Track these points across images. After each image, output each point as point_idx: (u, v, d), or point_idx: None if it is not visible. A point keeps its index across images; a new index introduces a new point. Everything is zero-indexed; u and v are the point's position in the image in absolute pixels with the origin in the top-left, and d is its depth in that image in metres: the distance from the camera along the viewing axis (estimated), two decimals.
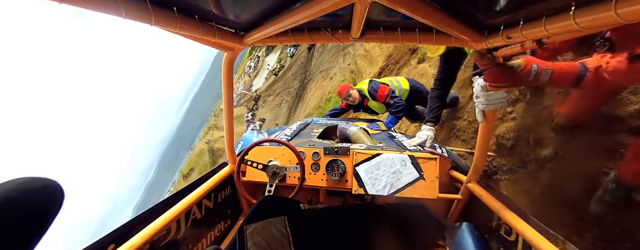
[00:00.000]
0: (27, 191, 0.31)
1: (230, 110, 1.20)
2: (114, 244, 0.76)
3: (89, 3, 0.43)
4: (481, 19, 0.65)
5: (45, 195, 0.33)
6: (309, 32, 0.85)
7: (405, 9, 0.56)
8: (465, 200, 1.23)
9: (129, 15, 0.48)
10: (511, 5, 0.55)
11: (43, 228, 0.32)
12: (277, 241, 0.49)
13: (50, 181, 0.34)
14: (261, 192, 1.50)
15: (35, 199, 0.32)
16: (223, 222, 1.38)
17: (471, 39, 0.71)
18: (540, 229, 0.82)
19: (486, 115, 0.95)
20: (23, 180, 0.31)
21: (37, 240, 0.31)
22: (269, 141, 1.30)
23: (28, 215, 0.31)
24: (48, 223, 0.32)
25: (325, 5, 0.58)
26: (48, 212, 0.33)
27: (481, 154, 1.05)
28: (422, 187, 1.20)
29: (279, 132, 2.04)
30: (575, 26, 0.45)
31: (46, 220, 0.32)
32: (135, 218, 0.86)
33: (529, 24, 0.55)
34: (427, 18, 0.60)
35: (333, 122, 2.28)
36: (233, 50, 1.00)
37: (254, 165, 1.28)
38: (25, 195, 0.31)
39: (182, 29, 0.61)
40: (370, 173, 1.26)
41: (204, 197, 1.16)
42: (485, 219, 1.09)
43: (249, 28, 0.83)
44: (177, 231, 1.01)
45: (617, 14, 0.38)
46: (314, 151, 1.37)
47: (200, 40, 0.78)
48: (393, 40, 0.83)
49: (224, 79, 1.11)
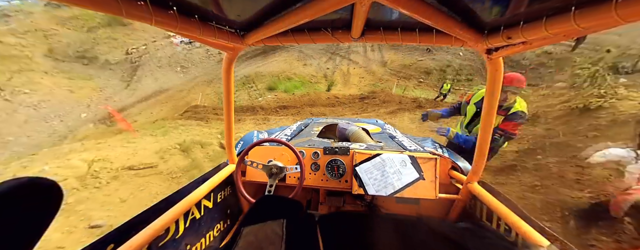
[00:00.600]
0: (25, 191, 0.31)
1: (230, 110, 1.19)
2: (113, 244, 0.76)
3: (89, 3, 0.43)
4: (481, 19, 0.65)
5: (44, 195, 0.33)
6: (309, 32, 0.85)
7: (405, 9, 0.56)
8: (465, 200, 1.22)
9: (129, 15, 0.48)
10: (512, 5, 0.55)
11: (42, 227, 0.32)
12: (269, 241, 0.49)
13: (49, 181, 0.34)
14: (261, 192, 1.50)
15: (34, 198, 0.32)
16: (222, 222, 1.38)
17: (471, 39, 0.71)
18: (539, 229, 0.82)
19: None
20: (22, 180, 0.31)
21: (36, 240, 0.31)
22: (269, 141, 1.31)
23: (27, 214, 0.31)
24: (47, 223, 0.33)
25: (326, 5, 0.58)
26: (47, 211, 0.33)
27: (481, 154, 1.05)
28: (422, 187, 1.20)
29: (279, 132, 2.04)
30: (575, 26, 0.45)
31: (45, 220, 0.32)
32: (134, 218, 0.86)
33: (529, 24, 0.55)
34: (427, 18, 0.60)
35: (333, 121, 2.27)
36: (233, 50, 1.00)
37: (254, 165, 1.28)
38: (24, 195, 0.31)
39: (182, 29, 0.62)
40: (370, 173, 1.26)
41: (204, 197, 1.16)
42: (484, 219, 1.09)
43: (249, 28, 0.83)
44: (176, 231, 1.01)
45: (617, 15, 0.39)
46: (314, 151, 1.37)
47: (200, 40, 0.78)
48: (393, 40, 0.83)
49: (224, 79, 1.10)
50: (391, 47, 16.25)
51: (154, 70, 17.34)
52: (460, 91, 11.54)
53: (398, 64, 14.46)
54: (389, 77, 13.48)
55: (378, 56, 15.49)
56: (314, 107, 9.49)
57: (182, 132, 6.34)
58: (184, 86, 15.23)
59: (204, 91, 13.62)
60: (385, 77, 13.43)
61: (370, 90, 11.88)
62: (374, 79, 13.34)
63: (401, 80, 12.89)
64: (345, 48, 16.88)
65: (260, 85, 12.89)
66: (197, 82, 15.33)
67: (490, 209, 1.01)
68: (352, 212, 1.27)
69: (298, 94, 10.73)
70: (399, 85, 12.35)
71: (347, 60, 15.44)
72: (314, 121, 2.43)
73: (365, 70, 14.21)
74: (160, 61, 18.06)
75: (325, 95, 10.53)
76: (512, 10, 0.57)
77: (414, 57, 14.63)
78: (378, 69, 14.24)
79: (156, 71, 17.34)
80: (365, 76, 13.68)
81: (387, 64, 14.56)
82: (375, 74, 13.76)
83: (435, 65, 13.60)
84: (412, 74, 13.54)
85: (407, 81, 12.98)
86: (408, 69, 13.92)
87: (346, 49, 16.70)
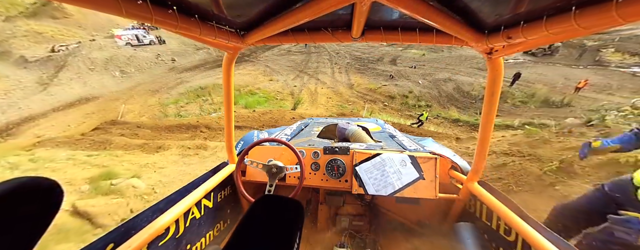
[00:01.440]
0: (26, 190, 0.32)
1: (230, 110, 1.20)
2: (113, 243, 0.76)
3: (90, 2, 0.43)
4: (482, 18, 0.69)
5: (44, 194, 0.34)
6: (309, 32, 0.87)
7: (405, 8, 0.58)
8: (465, 200, 1.26)
9: (129, 14, 0.48)
10: (512, 5, 0.58)
11: (42, 227, 0.32)
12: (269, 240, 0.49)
13: (49, 181, 0.35)
14: (261, 192, 1.48)
15: (35, 198, 0.32)
16: (222, 221, 1.39)
17: (471, 38, 0.74)
18: (539, 228, 0.83)
19: None
20: (22, 180, 0.32)
21: (37, 239, 0.32)
22: (269, 141, 1.28)
23: (27, 214, 0.31)
24: (47, 222, 0.33)
25: (326, 5, 0.60)
26: (47, 210, 0.33)
27: (481, 154, 1.06)
28: (422, 187, 1.22)
29: (279, 131, 2.02)
30: (575, 26, 0.49)
31: (45, 219, 0.33)
32: (135, 218, 0.86)
33: (529, 24, 0.59)
34: (427, 18, 0.62)
35: (333, 121, 2.30)
36: (233, 50, 1.00)
37: (254, 165, 1.27)
38: (25, 194, 0.32)
39: (182, 29, 0.62)
40: (370, 173, 1.27)
41: (204, 197, 1.16)
42: (484, 218, 1.11)
43: (249, 28, 0.84)
44: (176, 231, 1.01)
45: (617, 14, 0.42)
46: (314, 151, 1.36)
47: (201, 40, 0.77)
48: (393, 40, 0.87)
49: (224, 79, 1.11)
50: (357, 70, 17.62)
51: (84, 73, 14.70)
52: (437, 120, 12.25)
53: (364, 87, 15.46)
54: (356, 99, 14.20)
55: (345, 78, 16.47)
56: (276, 127, 8.34)
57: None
58: (121, 94, 13.39)
59: (146, 102, 12.07)
60: (352, 99, 14.09)
61: (338, 111, 12.09)
62: (342, 100, 13.81)
63: (368, 102, 13.68)
64: (313, 67, 17.62)
65: (217, 98, 11.95)
66: (140, 91, 13.64)
67: (490, 208, 1.04)
68: None
69: (259, 111, 9.79)
70: (367, 108, 12.95)
71: (315, 79, 15.89)
72: (314, 121, 2.44)
73: (332, 91, 14.71)
74: (95, 63, 15.50)
75: (290, 114, 9.78)
76: (512, 10, 0.60)
77: (379, 82, 16.00)
78: (345, 91, 14.94)
79: (87, 74, 14.79)
80: (333, 96, 14.09)
81: (353, 86, 15.46)
82: (342, 95, 14.30)
83: (398, 91, 14.96)
84: (378, 97, 14.58)
85: (374, 104, 13.84)
86: (374, 92, 14.98)
87: (314, 68, 17.45)
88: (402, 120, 11.44)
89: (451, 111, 13.41)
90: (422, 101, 14.32)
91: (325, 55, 19.82)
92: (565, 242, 0.77)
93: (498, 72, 0.89)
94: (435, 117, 12.62)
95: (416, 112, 12.78)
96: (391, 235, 1.53)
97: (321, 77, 16.19)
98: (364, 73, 17.27)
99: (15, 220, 0.30)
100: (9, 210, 0.30)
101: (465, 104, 14.08)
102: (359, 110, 12.57)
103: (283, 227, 0.44)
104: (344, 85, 15.57)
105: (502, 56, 0.84)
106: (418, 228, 1.53)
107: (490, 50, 0.82)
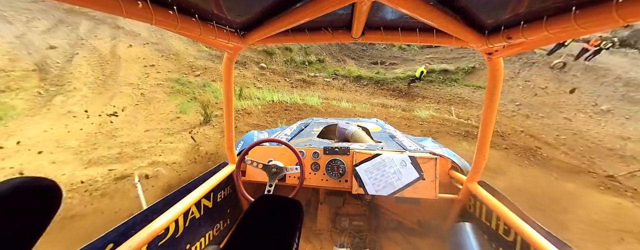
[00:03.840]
0: (25, 190, 0.32)
1: (231, 110, 1.21)
2: (113, 243, 0.77)
3: (90, 2, 0.44)
4: (482, 19, 0.70)
5: (44, 194, 0.34)
6: (309, 32, 0.88)
7: (406, 9, 0.59)
8: (465, 200, 1.27)
9: (129, 15, 0.49)
10: (512, 5, 0.59)
11: (42, 226, 0.33)
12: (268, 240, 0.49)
13: (49, 181, 0.35)
14: (261, 191, 1.49)
15: (34, 198, 0.33)
16: (222, 221, 1.40)
17: (472, 39, 0.75)
18: (538, 229, 0.84)
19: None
20: (22, 180, 0.33)
21: (36, 239, 0.32)
22: (269, 141, 1.30)
23: (27, 214, 0.32)
24: (46, 222, 0.34)
25: (326, 5, 0.61)
26: (46, 210, 0.34)
27: (481, 154, 1.08)
28: (422, 187, 1.24)
29: (280, 131, 2.05)
30: (575, 26, 0.50)
31: (45, 219, 0.33)
32: (134, 217, 0.87)
33: (529, 24, 0.60)
34: (427, 18, 0.63)
35: (333, 121, 2.32)
36: (234, 50, 1.01)
37: (254, 165, 1.28)
38: (24, 194, 0.32)
39: (182, 29, 0.63)
40: (370, 173, 1.28)
41: (204, 197, 1.17)
42: (484, 219, 1.13)
43: (249, 28, 0.85)
44: (176, 231, 1.02)
45: (617, 15, 0.43)
46: (314, 151, 1.38)
47: (201, 40, 0.78)
48: (393, 40, 0.88)
49: (224, 79, 1.12)
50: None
51: None
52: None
53: None
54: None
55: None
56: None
57: None
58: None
59: None
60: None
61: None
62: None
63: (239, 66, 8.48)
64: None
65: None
66: None
67: (490, 208, 1.06)
68: None
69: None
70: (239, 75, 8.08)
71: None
72: (314, 121, 2.48)
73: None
74: None
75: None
76: (512, 10, 0.61)
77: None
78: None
79: None
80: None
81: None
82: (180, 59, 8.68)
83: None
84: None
85: (245, 70, 8.51)
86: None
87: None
88: (294, 93, 7.87)
89: (349, 65, 11.14)
90: (312, 55, 10.94)
91: None
92: (564, 242, 0.79)
93: (498, 72, 0.90)
94: (333, 76, 9.94)
95: (308, 72, 9.71)
96: (391, 235, 1.56)
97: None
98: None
99: (15, 220, 0.31)
100: (8, 210, 0.30)
101: (358, 53, 11.84)
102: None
103: (282, 227, 0.45)
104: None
105: (502, 56, 0.86)
106: (418, 228, 1.55)
107: (490, 50, 0.83)
